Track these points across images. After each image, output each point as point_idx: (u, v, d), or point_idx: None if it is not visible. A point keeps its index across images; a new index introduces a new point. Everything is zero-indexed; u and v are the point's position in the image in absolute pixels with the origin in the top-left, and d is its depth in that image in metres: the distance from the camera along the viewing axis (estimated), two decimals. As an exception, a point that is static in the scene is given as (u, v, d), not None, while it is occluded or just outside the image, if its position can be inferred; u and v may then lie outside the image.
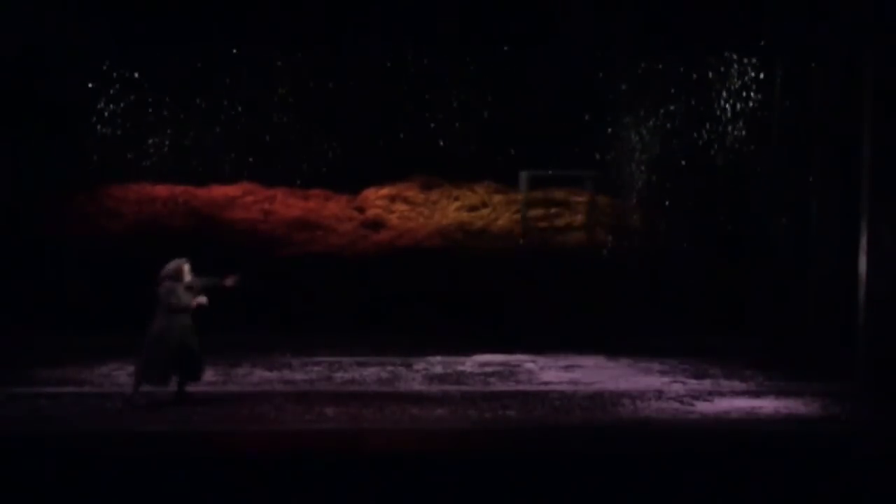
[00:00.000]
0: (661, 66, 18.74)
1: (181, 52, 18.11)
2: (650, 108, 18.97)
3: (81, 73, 18.23)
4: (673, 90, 18.85)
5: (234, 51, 18.54)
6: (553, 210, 19.10)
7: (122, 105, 18.66)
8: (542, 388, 13.29)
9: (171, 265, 11.73)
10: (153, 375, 11.61)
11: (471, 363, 15.16)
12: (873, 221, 13.26)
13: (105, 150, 18.59)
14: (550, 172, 18.92)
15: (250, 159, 19.16)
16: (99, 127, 18.56)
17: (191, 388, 11.92)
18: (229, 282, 11.85)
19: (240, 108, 19.09)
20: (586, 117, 19.18)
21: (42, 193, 17.79)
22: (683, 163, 18.80)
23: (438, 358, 15.39)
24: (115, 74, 18.55)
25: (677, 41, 17.60)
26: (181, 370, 11.71)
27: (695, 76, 18.71)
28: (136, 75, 18.59)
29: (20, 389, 12.43)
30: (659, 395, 12.80)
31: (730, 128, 18.60)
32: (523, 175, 19.01)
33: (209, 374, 12.60)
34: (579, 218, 19.01)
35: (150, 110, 18.79)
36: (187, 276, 11.73)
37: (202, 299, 11.67)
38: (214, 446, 10.24)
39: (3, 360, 14.12)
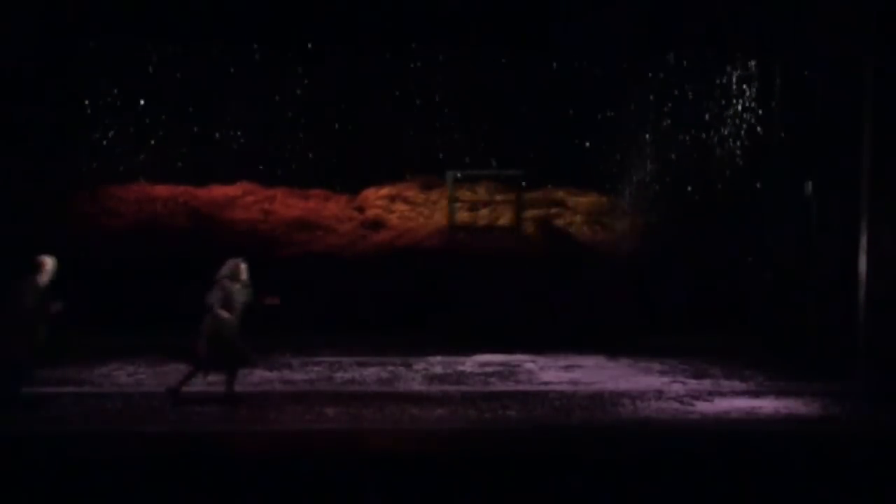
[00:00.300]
0: (656, 72, 18.80)
1: (182, 53, 18.13)
2: (648, 110, 18.99)
3: (83, 71, 18.24)
4: (671, 94, 18.91)
5: (235, 52, 18.57)
6: (553, 210, 19.11)
7: (122, 105, 18.67)
8: (542, 388, 13.29)
9: (229, 264, 11.81)
10: (211, 371, 11.78)
11: (471, 363, 15.16)
12: (873, 221, 13.25)
13: (105, 150, 18.60)
14: (476, 171, 18.96)
15: (250, 159, 19.16)
16: (100, 125, 18.58)
17: (190, 388, 11.93)
18: (269, 300, 11.90)
19: (240, 108, 19.10)
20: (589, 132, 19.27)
21: (42, 193, 17.75)
22: (683, 164, 18.87)
23: (438, 358, 15.38)
24: (116, 74, 18.57)
25: (675, 44, 17.62)
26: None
27: (687, 84, 18.79)
28: (137, 75, 18.59)
29: (20, 389, 12.41)
30: (659, 395, 12.80)
31: (729, 129, 18.60)
32: (449, 174, 19.03)
33: (209, 374, 12.57)
34: (578, 218, 19.00)
35: (151, 110, 18.79)
36: (243, 275, 11.81)
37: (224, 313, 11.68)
38: (214, 446, 10.24)
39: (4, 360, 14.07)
